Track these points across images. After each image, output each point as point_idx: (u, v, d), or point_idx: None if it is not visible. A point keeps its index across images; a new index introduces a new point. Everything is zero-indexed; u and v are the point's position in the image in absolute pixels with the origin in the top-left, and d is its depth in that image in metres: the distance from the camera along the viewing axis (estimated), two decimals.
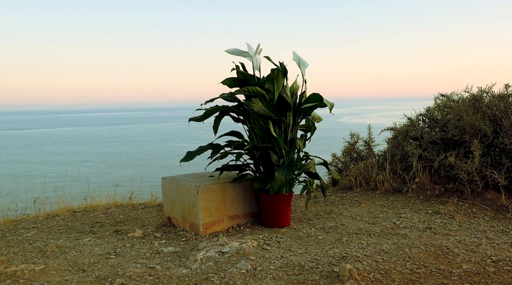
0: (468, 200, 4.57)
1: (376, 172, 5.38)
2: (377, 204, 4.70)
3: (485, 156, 4.87)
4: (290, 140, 3.91)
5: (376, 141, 6.28)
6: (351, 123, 65.51)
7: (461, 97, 5.69)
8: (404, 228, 3.81)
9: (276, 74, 3.77)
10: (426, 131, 5.48)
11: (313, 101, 3.97)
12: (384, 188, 5.19)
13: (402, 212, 4.35)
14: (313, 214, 4.39)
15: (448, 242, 3.40)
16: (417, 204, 4.63)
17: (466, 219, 4.10)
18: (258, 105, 3.76)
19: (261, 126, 3.82)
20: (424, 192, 4.93)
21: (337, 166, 6.43)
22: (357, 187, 5.42)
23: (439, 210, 4.33)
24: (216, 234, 3.70)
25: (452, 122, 5.13)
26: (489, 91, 5.34)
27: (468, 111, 5.04)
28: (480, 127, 4.88)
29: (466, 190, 4.69)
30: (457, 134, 5.02)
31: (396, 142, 5.68)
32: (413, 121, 5.66)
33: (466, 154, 4.92)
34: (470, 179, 4.65)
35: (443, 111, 5.61)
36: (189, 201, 3.81)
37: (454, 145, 5.14)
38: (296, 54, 4.02)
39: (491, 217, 4.20)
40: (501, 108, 5.24)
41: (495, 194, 4.59)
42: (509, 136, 4.80)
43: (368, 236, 3.57)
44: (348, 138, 6.35)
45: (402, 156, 5.39)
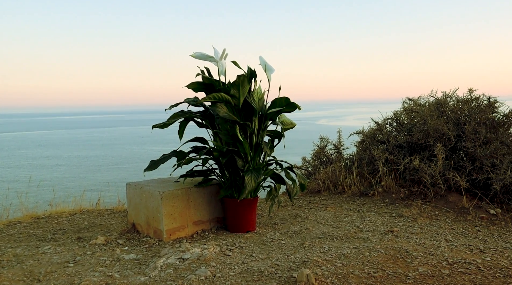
0: (432, 203, 4.66)
1: (344, 175, 5.44)
2: (343, 207, 4.75)
3: (449, 159, 4.98)
4: (255, 145, 3.93)
5: (345, 145, 6.34)
6: (328, 126, 66.03)
7: (427, 101, 5.80)
8: (367, 231, 3.85)
9: (242, 80, 3.78)
10: (393, 135, 5.57)
11: (279, 106, 3.99)
12: (351, 192, 5.24)
13: (367, 215, 4.40)
14: (280, 218, 4.41)
15: (408, 245, 3.45)
16: (382, 207, 4.69)
17: (428, 222, 4.17)
18: (223, 110, 3.76)
19: (226, 131, 3.82)
20: (389, 195, 5.00)
21: (307, 169, 6.47)
22: (325, 190, 5.46)
23: (403, 213, 4.41)
24: (180, 240, 3.68)
25: (417, 126, 5.23)
26: (452, 95, 5.46)
27: (433, 115, 5.14)
28: (443, 131, 4.98)
29: (429, 192, 4.77)
30: (422, 138, 5.12)
31: (364, 146, 5.75)
32: (380, 125, 5.74)
33: (431, 157, 5.01)
34: (434, 182, 4.74)
35: (410, 115, 5.71)
36: (153, 207, 3.78)
37: (419, 148, 5.24)
38: (263, 59, 4.03)
39: (452, 219, 4.29)
40: (465, 113, 5.36)
41: (458, 197, 4.69)
42: (471, 140, 4.91)
43: (331, 240, 3.61)
44: (318, 142, 6.40)
45: (369, 159, 5.46)
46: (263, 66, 4.01)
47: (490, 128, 5.11)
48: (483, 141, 4.94)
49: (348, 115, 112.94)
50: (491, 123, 5.18)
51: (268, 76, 4.00)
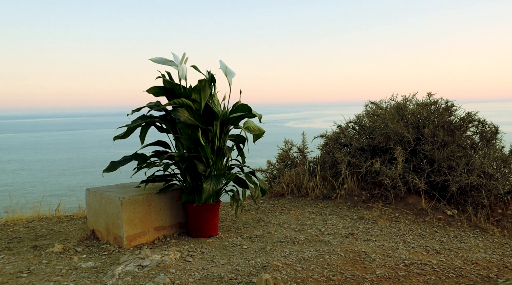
0: (392, 205, 4.76)
1: (308, 178, 5.49)
2: (306, 211, 4.79)
3: (409, 162, 5.10)
4: (217, 150, 3.91)
5: (309, 148, 6.40)
6: (296, 128, 66.50)
7: (389, 105, 5.92)
8: (328, 234, 3.90)
9: (203, 85, 3.77)
10: (356, 138, 5.65)
11: (241, 111, 4.00)
12: (315, 195, 5.29)
13: (329, 218, 4.45)
14: (243, 222, 4.41)
15: (367, 247, 3.51)
16: (344, 210, 4.76)
17: (388, 224, 4.26)
18: (185, 115, 3.73)
19: (188, 136, 3.79)
20: (352, 198, 5.08)
21: (272, 172, 6.49)
22: (289, 194, 5.50)
23: (364, 215, 4.48)
24: (140, 246, 3.63)
25: (378, 129, 5.33)
26: (412, 99, 5.59)
27: (393, 119, 5.25)
28: (403, 134, 5.09)
29: (390, 195, 4.87)
30: (383, 141, 5.22)
31: (327, 149, 5.82)
32: (343, 129, 5.83)
33: (391, 160, 5.12)
34: (394, 185, 4.84)
35: (372, 119, 5.82)
36: (113, 213, 3.71)
37: (380, 151, 5.34)
38: (223, 63, 4.03)
39: (411, 220, 4.39)
40: (424, 116, 5.50)
41: (417, 199, 4.80)
42: (429, 143, 5.04)
43: (292, 244, 3.63)
44: (282, 145, 6.44)
45: (332, 162, 5.52)
46: (223, 70, 4.00)
47: (447, 132, 5.26)
48: (441, 144, 5.08)
49: (316, 117, 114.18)
50: (449, 126, 5.33)
51: (229, 80, 3.99)
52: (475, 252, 3.54)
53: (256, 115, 3.95)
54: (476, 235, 4.06)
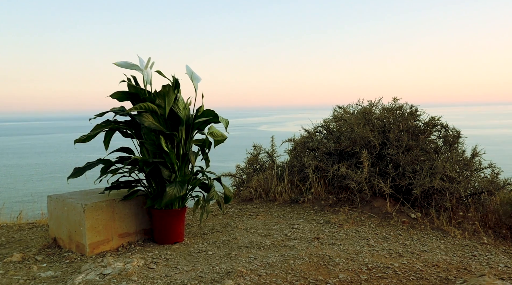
0: (358, 209, 4.81)
1: (276, 183, 5.51)
2: (274, 215, 4.80)
3: (375, 166, 5.17)
4: (182, 155, 3.88)
5: (278, 152, 6.42)
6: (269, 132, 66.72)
7: (356, 109, 6.01)
8: (294, 239, 3.91)
9: (167, 90, 3.74)
10: (323, 143, 5.71)
11: (207, 116, 3.98)
12: (283, 199, 5.31)
13: (296, 222, 4.47)
14: (210, 228, 4.39)
15: (332, 251, 3.54)
16: (311, 214, 4.79)
17: (354, 227, 4.30)
18: (149, 120, 3.69)
19: (152, 141, 3.75)
20: (319, 202, 5.12)
21: (241, 177, 6.49)
22: (257, 198, 5.50)
23: (330, 219, 4.52)
24: (103, 254, 3.56)
25: (345, 134, 5.39)
26: (378, 104, 5.69)
27: (359, 123, 5.33)
28: (369, 139, 5.17)
29: (356, 199, 4.93)
30: (349, 145, 5.28)
31: (296, 153, 5.86)
32: (311, 133, 5.87)
33: (358, 164, 5.19)
34: (360, 188, 4.90)
35: (339, 123, 5.88)
36: (75, 220, 3.63)
37: (347, 155, 5.40)
38: (189, 68, 4.01)
39: (377, 224, 4.45)
40: (390, 121, 5.60)
41: (382, 202, 4.87)
42: (394, 148, 5.13)
43: (258, 249, 3.63)
44: (251, 149, 6.44)
45: (300, 167, 5.56)
46: (189, 75, 3.99)
47: (412, 136, 5.37)
48: (406, 148, 5.17)
49: (289, 121, 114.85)
50: (413, 131, 5.44)
51: (195, 85, 3.98)
52: (437, 254, 3.61)
53: (222, 121, 3.95)
54: (439, 237, 4.15)
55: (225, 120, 4.00)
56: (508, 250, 3.97)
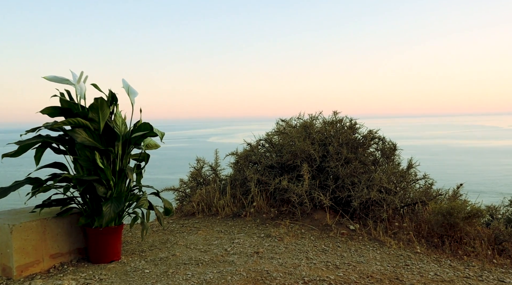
0: (299, 221, 4.87)
1: (218, 197, 5.48)
2: (215, 230, 4.76)
3: (315, 179, 5.26)
4: (119, 171, 3.78)
5: (222, 166, 6.40)
6: (219, 143, 66.58)
7: (298, 122, 6.10)
8: (233, 254, 3.89)
9: (100, 103, 3.64)
10: (265, 156, 5.75)
11: (144, 130, 3.92)
12: (225, 213, 5.29)
13: (237, 237, 4.46)
14: (149, 244, 4.29)
15: (270, 266, 3.55)
16: (253, 228, 4.79)
17: (294, 241, 4.34)
18: (82, 135, 3.58)
19: (87, 157, 3.63)
20: (261, 215, 5.13)
21: (185, 191, 6.41)
22: (200, 213, 5.45)
23: (271, 233, 4.54)
24: (32, 276, 3.39)
25: (286, 147, 5.46)
26: (319, 117, 5.81)
27: (300, 137, 5.41)
28: (309, 152, 5.26)
29: (297, 211, 4.99)
30: (291, 158, 5.35)
31: (238, 167, 5.86)
32: (252, 146, 5.90)
33: (299, 177, 5.25)
34: (301, 201, 4.96)
35: (281, 136, 5.95)
36: (1, 242, 3.43)
37: (289, 168, 5.46)
38: (126, 82, 3.93)
39: (316, 236, 4.52)
40: (331, 134, 5.73)
41: (323, 214, 4.96)
42: (334, 160, 5.25)
43: (196, 265, 3.58)
44: (194, 163, 6.38)
45: (243, 180, 5.56)
46: (126, 89, 3.91)
47: (351, 149, 5.51)
48: (345, 161, 5.30)
49: (239, 132, 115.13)
50: (352, 143, 5.59)
51: (132, 100, 3.90)
52: (372, 265, 3.70)
53: (158, 134, 3.89)
54: (375, 248, 4.26)
55: (160, 133, 3.95)
56: (439, 258, 4.14)
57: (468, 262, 4.09)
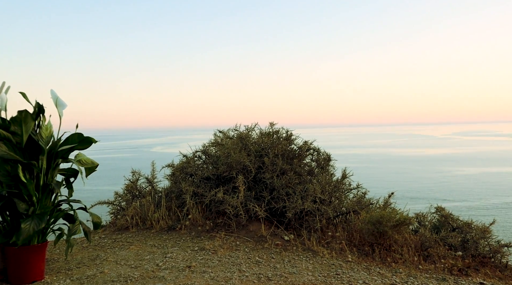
0: (234, 233, 4.86)
1: (153, 210, 5.36)
2: (149, 244, 4.65)
3: (251, 190, 5.28)
4: (43, 186, 3.62)
5: (159, 178, 6.29)
6: (163, 153, 65.61)
7: (235, 134, 6.11)
8: (165, 269, 3.81)
9: (24, 116, 3.47)
10: (201, 168, 5.71)
11: (72, 142, 3.78)
12: (160, 227, 5.18)
13: (170, 251, 4.38)
14: (77, 262, 4.12)
15: (202, 280, 3.51)
16: (188, 241, 4.72)
17: (228, 253, 4.32)
18: (2, 149, 3.40)
19: (7, 172, 3.45)
20: (196, 228, 5.08)
21: (120, 204, 6.23)
22: (134, 227, 5.30)
23: (205, 246, 4.49)
24: None
25: (222, 159, 5.45)
26: (255, 128, 5.85)
27: (236, 148, 5.42)
28: (245, 163, 5.27)
29: (232, 223, 4.98)
30: (227, 170, 5.34)
31: (174, 179, 5.78)
32: (188, 158, 5.85)
33: (235, 188, 5.25)
34: (236, 213, 4.96)
35: (218, 148, 5.94)
36: None
37: (225, 180, 5.45)
38: (54, 93, 3.79)
39: (251, 248, 4.52)
40: (268, 145, 5.77)
41: (258, 226, 4.97)
42: (269, 171, 5.29)
43: (125, 282, 3.47)
44: (129, 175, 6.22)
45: (178, 192, 5.49)
46: (54, 101, 3.77)
47: (287, 160, 5.59)
48: (280, 172, 5.36)
49: (184, 142, 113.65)
50: (288, 154, 5.67)
51: (60, 112, 3.77)
52: (304, 275, 3.75)
53: (91, 140, 3.78)
54: (308, 258, 4.32)
55: (94, 140, 3.83)
56: (369, 266, 4.26)
57: (395, 269, 4.23)
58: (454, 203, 49.56)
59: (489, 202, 52.27)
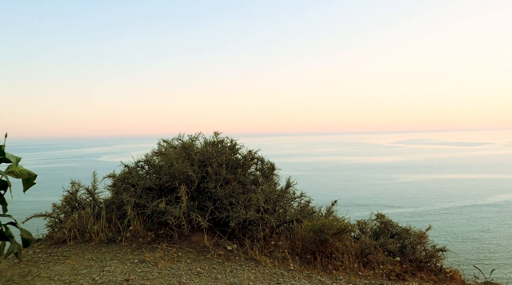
0: (176, 244, 4.77)
1: (92, 222, 5.18)
2: (86, 258, 4.49)
3: (194, 200, 5.22)
4: None
5: (100, 188, 6.09)
6: (110, 162, 63.74)
7: (179, 143, 6.03)
8: (101, 283, 3.68)
9: None
10: (144, 178, 5.58)
11: None
12: (99, 239, 5.01)
13: (108, 264, 4.24)
14: (6, 278, 3.90)
15: None
16: (128, 253, 4.60)
17: (169, 265, 4.24)
18: None
19: None
20: (137, 239, 4.95)
21: (58, 217, 5.97)
22: (72, 240, 5.10)
23: (145, 258, 4.39)
24: None
25: (164, 169, 5.36)
26: (197, 138, 5.80)
27: (179, 158, 5.35)
28: (188, 173, 5.21)
29: (175, 234, 4.89)
30: (169, 180, 5.26)
31: (116, 189, 5.62)
32: (130, 168, 5.71)
33: (177, 199, 5.17)
34: (179, 223, 4.88)
35: (162, 158, 5.83)
36: None
37: (167, 190, 5.36)
38: None
39: (193, 259, 4.45)
40: (213, 154, 5.73)
41: (201, 236, 4.92)
42: (213, 181, 5.25)
43: None
44: (68, 187, 5.99)
45: (119, 203, 5.34)
46: None
47: (231, 169, 5.57)
48: (224, 182, 5.34)
49: (133, 151, 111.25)
50: (232, 164, 5.65)
51: None
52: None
53: (12, 159, 3.59)
54: (251, 267, 4.31)
55: (15, 158, 3.64)
56: (310, 274, 4.30)
57: (336, 276, 4.30)
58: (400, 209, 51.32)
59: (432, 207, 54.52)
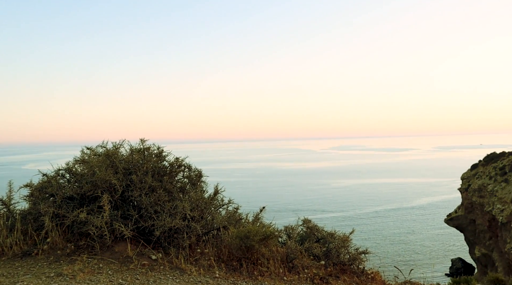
0: (98, 255, 4.59)
1: (5, 234, 4.86)
2: None
3: (118, 209, 5.05)
4: None
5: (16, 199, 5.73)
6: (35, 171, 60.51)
7: (104, 150, 5.81)
8: None
9: None
10: (64, 187, 5.32)
11: None
12: (13, 253, 4.71)
13: (21, 279, 3.99)
14: None
15: None
16: (44, 267, 4.35)
17: (89, 277, 4.06)
18: None
19: None
20: (56, 252, 4.70)
21: None
22: None
23: (63, 271, 4.18)
24: None
25: (86, 177, 5.15)
26: (121, 145, 5.63)
27: (102, 166, 5.15)
28: (111, 181, 5.03)
29: (96, 245, 4.70)
30: (91, 189, 5.05)
31: (33, 199, 5.31)
32: (49, 177, 5.43)
33: (100, 208, 4.97)
34: (100, 233, 4.70)
35: (84, 165, 5.59)
36: None
37: (89, 200, 5.15)
38: None
39: (115, 270, 4.30)
40: (140, 162, 5.57)
41: (124, 246, 4.76)
42: (137, 189, 5.11)
43: None
44: None
45: (36, 214, 5.05)
46: None
47: (157, 177, 5.45)
48: (149, 190, 5.21)
49: (62, 158, 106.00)
50: (159, 171, 5.53)
51: None
52: None
53: None
54: (175, 276, 4.24)
55: None
56: (236, 281, 4.30)
57: (261, 282, 4.33)
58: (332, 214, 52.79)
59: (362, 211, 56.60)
